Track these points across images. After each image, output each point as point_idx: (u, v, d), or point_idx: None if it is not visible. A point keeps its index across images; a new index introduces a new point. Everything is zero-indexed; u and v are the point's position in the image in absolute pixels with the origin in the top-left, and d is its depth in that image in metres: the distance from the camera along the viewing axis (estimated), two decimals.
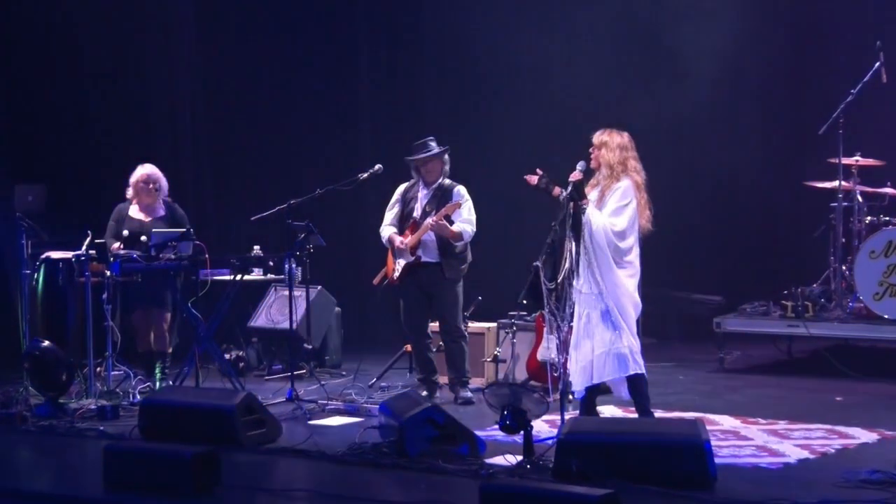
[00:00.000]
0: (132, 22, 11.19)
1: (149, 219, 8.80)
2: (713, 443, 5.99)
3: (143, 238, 8.47)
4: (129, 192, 8.88)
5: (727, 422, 7.42)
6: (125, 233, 8.65)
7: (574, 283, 6.81)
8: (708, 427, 6.16)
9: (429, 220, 8.16)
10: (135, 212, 8.85)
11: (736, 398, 8.47)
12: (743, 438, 6.94)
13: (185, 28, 11.60)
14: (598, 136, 6.99)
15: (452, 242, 8.24)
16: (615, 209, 6.83)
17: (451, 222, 8.18)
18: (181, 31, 11.58)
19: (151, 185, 8.81)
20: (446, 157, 8.41)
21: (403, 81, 12.45)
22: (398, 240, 8.33)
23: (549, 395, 7.10)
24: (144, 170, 8.86)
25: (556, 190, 6.94)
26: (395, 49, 12.53)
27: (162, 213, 8.85)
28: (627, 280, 6.87)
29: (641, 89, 11.50)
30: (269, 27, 11.98)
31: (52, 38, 10.81)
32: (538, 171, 7.06)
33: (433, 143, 8.37)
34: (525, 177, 7.13)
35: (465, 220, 8.25)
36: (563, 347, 6.97)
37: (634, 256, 6.92)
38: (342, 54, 12.35)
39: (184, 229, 8.46)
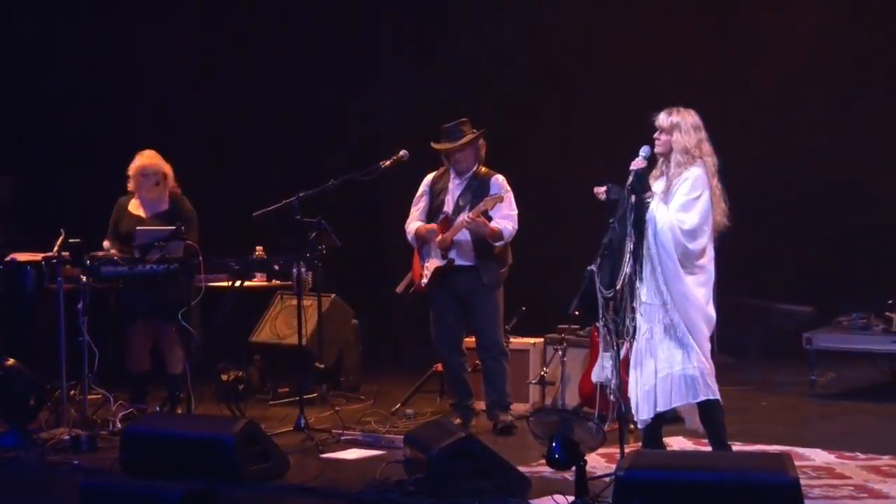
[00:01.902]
0: None
1: (149, 215, 8.80)
2: (803, 482, 5.93)
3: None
4: (130, 185, 8.89)
5: (820, 457, 7.37)
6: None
7: (636, 290, 6.77)
8: (797, 463, 6.11)
9: (463, 217, 8.15)
10: (134, 207, 8.86)
11: (830, 428, 8.42)
12: (838, 477, 6.89)
13: None
14: (667, 118, 6.89)
15: (491, 242, 8.22)
16: (684, 203, 6.75)
17: (489, 218, 8.17)
18: None
19: (151, 178, 8.80)
20: (481, 141, 8.40)
21: (432, 54, 12.46)
22: (425, 227, 8.32)
23: (606, 423, 7.07)
24: (142, 159, 8.84)
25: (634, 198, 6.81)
26: (422, 17, 12.54)
27: (164, 207, 8.84)
28: (698, 289, 6.81)
29: (715, 68, 11.52)
30: None
31: (25, 12, 10.91)
32: (606, 182, 6.90)
33: (465, 128, 8.35)
34: (595, 190, 7.00)
35: (505, 215, 8.23)
36: (623, 367, 6.94)
37: (707, 260, 6.85)
38: (361, 24, 12.39)
39: (172, 227, 8.42)
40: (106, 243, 8.57)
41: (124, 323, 8.71)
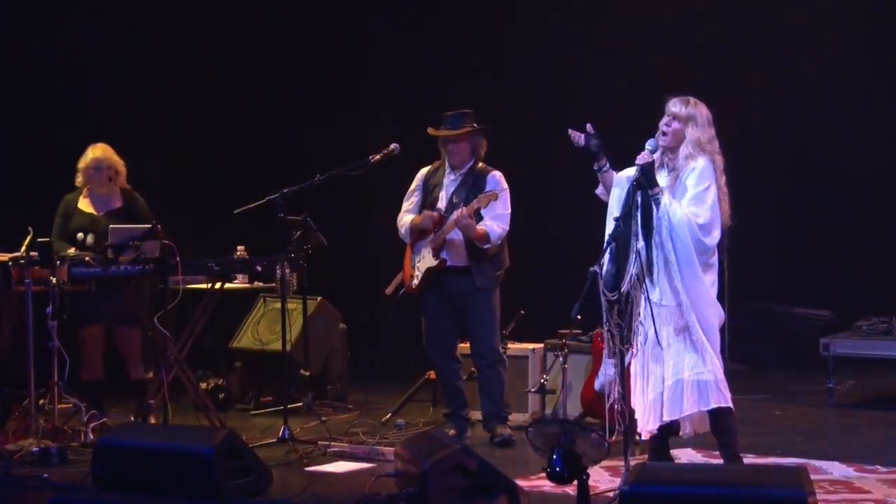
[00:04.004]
0: None
1: (101, 212, 8.83)
2: (820, 496, 5.95)
3: (86, 237, 8.50)
4: (79, 180, 8.93)
5: (838, 470, 7.39)
6: (78, 233, 8.67)
7: (643, 292, 6.78)
8: (813, 477, 6.12)
9: (456, 214, 8.14)
10: (85, 204, 8.90)
11: (849, 440, 8.45)
12: (858, 491, 6.90)
13: None
14: (682, 108, 6.90)
15: (480, 246, 8.21)
16: (695, 195, 6.78)
17: (481, 217, 8.17)
18: None
19: (104, 172, 8.84)
20: (483, 139, 8.38)
21: (425, 40, 12.47)
22: (422, 215, 8.31)
23: (612, 434, 7.08)
24: (94, 152, 8.89)
25: (603, 160, 6.93)
26: (416, 4, 12.55)
27: (118, 204, 8.89)
28: (712, 288, 6.88)
29: (734, 59, 11.56)
30: None
31: None
32: (588, 127, 6.99)
33: (467, 119, 8.34)
34: (570, 131, 7.04)
35: (496, 215, 8.21)
36: (627, 375, 6.95)
37: (716, 257, 6.92)
38: (348, 6, 12.39)
39: (148, 225, 8.42)
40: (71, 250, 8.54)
41: (78, 326, 8.70)
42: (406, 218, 8.46)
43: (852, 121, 11.64)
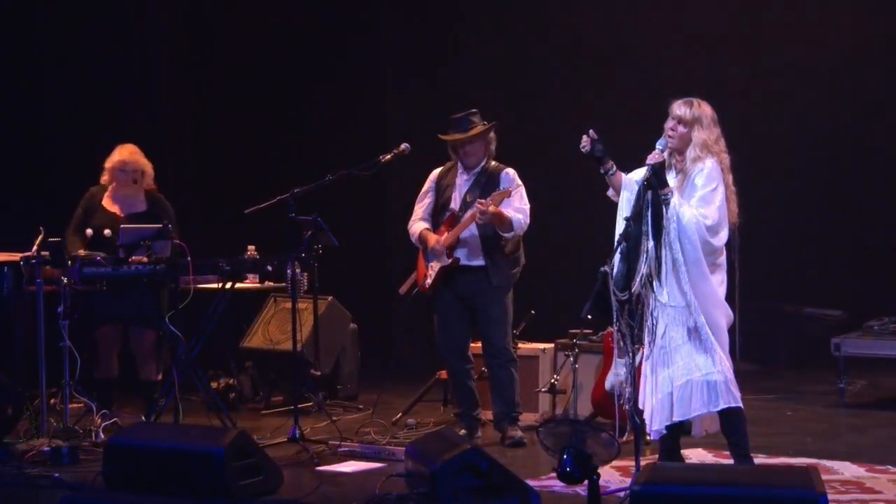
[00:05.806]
0: None
1: (124, 213, 8.81)
2: (831, 497, 5.92)
3: (107, 232, 8.51)
4: (104, 178, 8.90)
5: (849, 470, 7.37)
6: (90, 231, 8.67)
7: (653, 292, 6.78)
8: (824, 477, 6.11)
9: (472, 210, 8.09)
10: (109, 203, 8.87)
11: (860, 440, 8.42)
12: (869, 491, 6.89)
13: None
14: (687, 111, 6.89)
15: (502, 234, 8.17)
16: (703, 196, 6.78)
17: None
18: None
19: (130, 175, 8.82)
20: (492, 134, 8.39)
21: (436, 37, 12.46)
22: (433, 238, 8.31)
23: (624, 434, 7.07)
24: (122, 153, 8.86)
25: (609, 163, 6.90)
26: (427, 8, 12.54)
27: (143, 207, 8.85)
28: (720, 288, 6.87)
29: (745, 58, 11.54)
30: None
31: None
32: (591, 132, 6.94)
33: (475, 118, 8.34)
34: (584, 137, 7.02)
35: (516, 209, 8.19)
36: (638, 375, 6.94)
37: (724, 257, 6.91)
38: (359, 5, 12.39)
39: (158, 225, 8.41)
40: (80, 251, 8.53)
41: (93, 326, 8.71)
42: (417, 226, 8.44)
43: (865, 120, 11.62)
